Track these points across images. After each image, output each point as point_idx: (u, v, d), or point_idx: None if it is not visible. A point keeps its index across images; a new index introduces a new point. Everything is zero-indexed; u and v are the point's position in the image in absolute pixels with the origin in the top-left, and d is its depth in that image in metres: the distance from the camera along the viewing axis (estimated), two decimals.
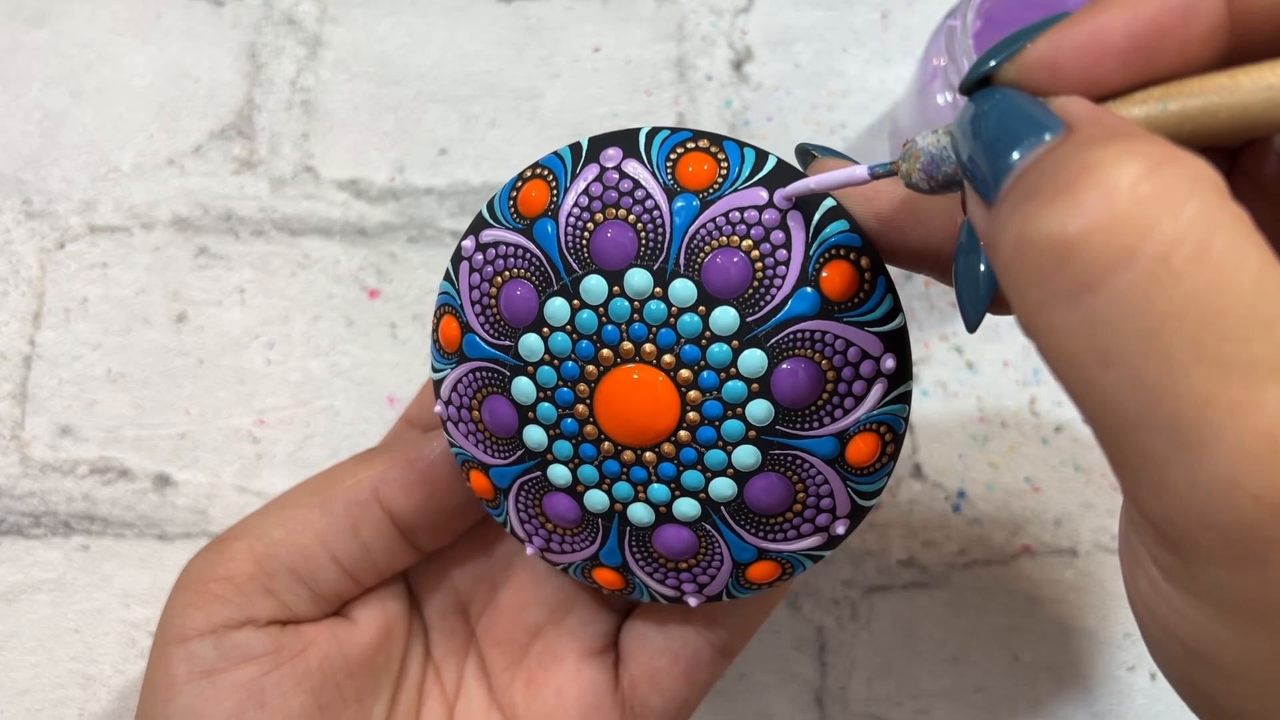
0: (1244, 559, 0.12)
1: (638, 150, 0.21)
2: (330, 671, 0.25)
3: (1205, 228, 0.12)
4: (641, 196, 0.21)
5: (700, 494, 0.22)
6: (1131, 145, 0.13)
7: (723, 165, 0.21)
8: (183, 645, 0.24)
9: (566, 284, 0.21)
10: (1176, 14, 0.15)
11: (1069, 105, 0.15)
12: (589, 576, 0.24)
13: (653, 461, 0.22)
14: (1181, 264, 0.12)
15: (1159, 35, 0.15)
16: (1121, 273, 0.12)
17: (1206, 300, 0.12)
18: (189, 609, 0.24)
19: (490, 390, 0.23)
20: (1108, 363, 0.13)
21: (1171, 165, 0.12)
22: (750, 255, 0.20)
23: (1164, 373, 0.12)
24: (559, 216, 0.21)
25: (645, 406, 0.21)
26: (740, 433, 0.21)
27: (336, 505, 0.25)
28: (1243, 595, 0.13)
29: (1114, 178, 0.12)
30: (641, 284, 0.21)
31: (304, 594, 0.25)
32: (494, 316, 0.22)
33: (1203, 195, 0.12)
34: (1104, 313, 0.12)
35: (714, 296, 0.21)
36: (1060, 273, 0.13)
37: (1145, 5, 0.15)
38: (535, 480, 0.23)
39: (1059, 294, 0.13)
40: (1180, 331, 0.12)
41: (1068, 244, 0.13)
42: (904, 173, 0.17)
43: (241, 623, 0.24)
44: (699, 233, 0.21)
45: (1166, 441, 0.12)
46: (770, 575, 0.23)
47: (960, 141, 0.16)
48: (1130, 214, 0.12)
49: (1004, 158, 0.14)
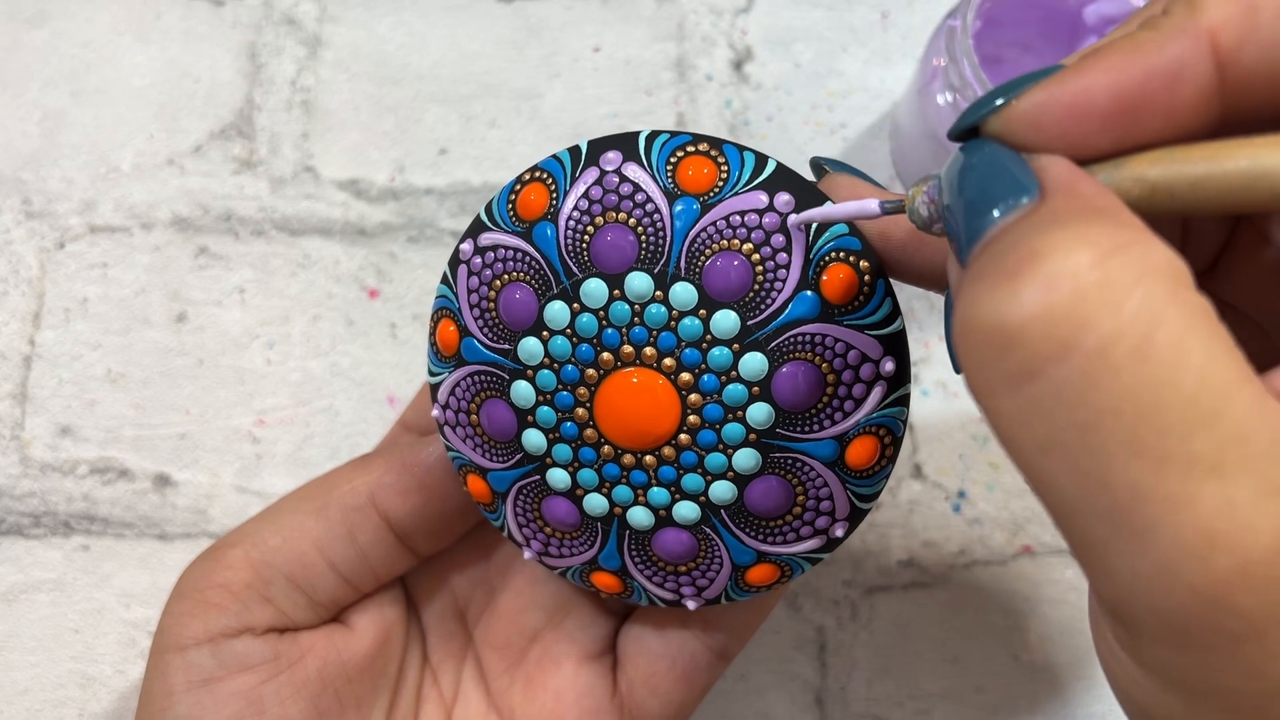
0: (1184, 645, 0.12)
1: (637, 154, 0.21)
2: (329, 678, 0.25)
3: (1149, 322, 0.12)
4: (642, 200, 0.21)
5: (700, 497, 0.22)
6: (1083, 232, 0.13)
7: (723, 169, 0.21)
8: (180, 654, 0.24)
9: (566, 287, 0.21)
10: (1163, 78, 0.14)
11: (1049, 167, 0.14)
12: (587, 580, 0.24)
13: (653, 465, 0.22)
14: (1120, 359, 0.12)
15: (1144, 99, 0.15)
16: (1058, 365, 0.12)
17: (1145, 395, 0.12)
18: (186, 617, 0.24)
19: (489, 394, 0.23)
20: (1047, 450, 0.13)
21: (1121, 254, 0.12)
22: (751, 259, 0.20)
23: (1101, 465, 0.12)
24: (559, 220, 0.21)
25: (646, 410, 0.21)
26: (740, 436, 0.21)
27: (333, 511, 0.25)
28: (1185, 675, 0.13)
29: (1058, 267, 0.12)
30: (642, 287, 0.21)
31: (301, 601, 0.25)
32: (493, 320, 0.22)
33: (1149, 287, 0.12)
34: (1042, 403, 0.12)
35: (715, 300, 0.21)
36: (1000, 360, 0.13)
37: (1131, 67, 0.15)
38: (534, 484, 0.23)
39: (1000, 380, 0.13)
40: (1117, 426, 0.12)
41: (1007, 333, 0.13)
42: (911, 210, 0.17)
43: (239, 631, 0.24)
44: (700, 236, 0.21)
45: (1106, 529, 0.12)
46: (769, 578, 0.23)
47: (945, 192, 0.16)
48: (1070, 307, 0.12)
49: (979, 219, 0.14)
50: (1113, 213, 0.13)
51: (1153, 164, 0.15)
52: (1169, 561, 0.12)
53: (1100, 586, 0.13)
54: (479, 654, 0.27)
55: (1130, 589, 0.13)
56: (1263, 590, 0.12)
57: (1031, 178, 0.14)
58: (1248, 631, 0.12)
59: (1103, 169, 0.15)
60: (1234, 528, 0.12)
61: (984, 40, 0.34)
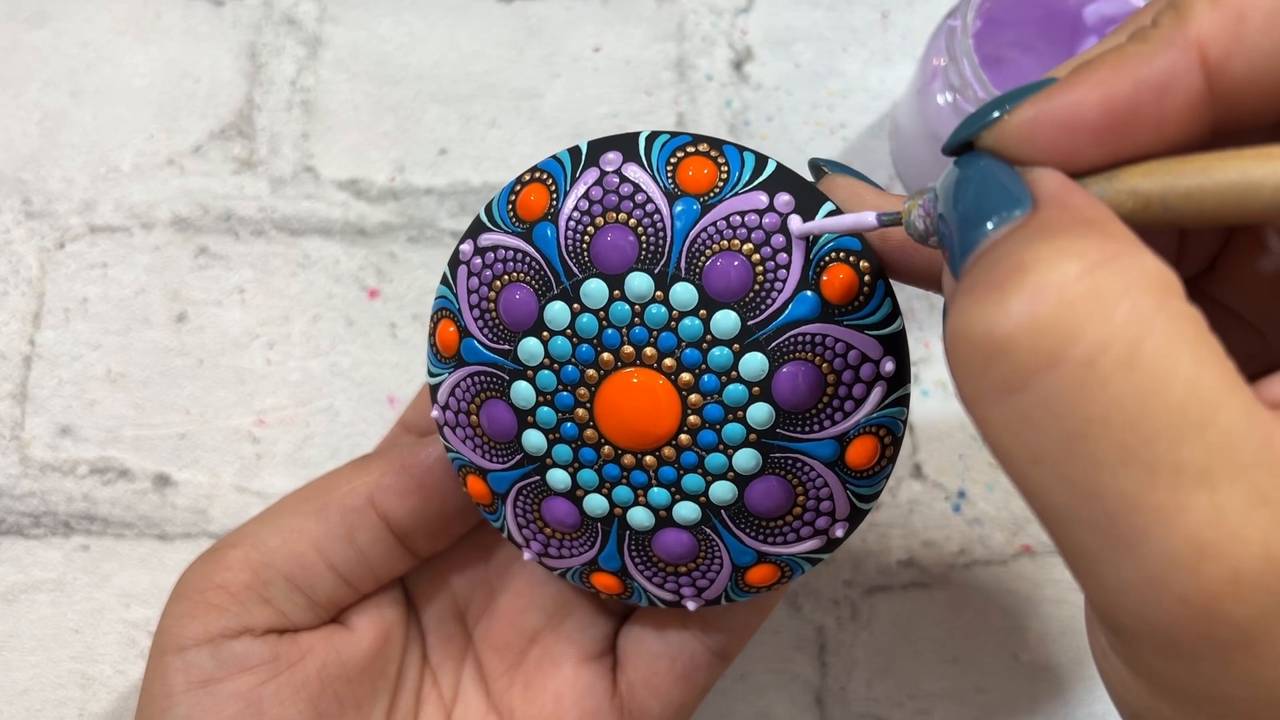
0: (1174, 653, 0.13)
1: (637, 154, 0.21)
2: (328, 680, 0.25)
3: (1136, 332, 0.12)
4: (642, 200, 0.21)
5: (700, 497, 0.22)
6: (1071, 244, 0.13)
7: (723, 169, 0.21)
8: (180, 655, 0.24)
9: (567, 287, 0.21)
10: (1152, 91, 0.15)
11: (1041, 180, 0.15)
12: (587, 581, 0.24)
13: (653, 465, 0.22)
14: (1108, 368, 0.12)
15: (1134, 112, 0.15)
16: (1046, 376, 0.12)
17: (1134, 404, 0.12)
18: (185, 618, 0.24)
19: (489, 394, 0.23)
20: (1037, 460, 0.13)
21: (1109, 266, 0.12)
22: (751, 259, 0.21)
23: (1090, 474, 0.12)
24: (559, 220, 0.21)
25: (646, 410, 0.21)
26: (741, 436, 0.21)
27: (332, 512, 0.25)
28: (1176, 682, 0.13)
29: (1045, 279, 0.12)
30: (642, 287, 0.21)
31: (301, 602, 0.25)
32: (493, 320, 0.22)
33: (1138, 298, 0.12)
34: (1031, 413, 0.13)
35: (715, 300, 0.21)
36: (989, 370, 0.13)
37: (1120, 81, 0.15)
38: (534, 485, 0.23)
39: (988, 390, 0.13)
40: (1106, 435, 0.12)
41: (995, 344, 0.13)
42: (907, 223, 0.17)
43: (239, 632, 0.24)
44: (700, 236, 0.21)
45: (1096, 539, 0.12)
46: (769, 579, 0.23)
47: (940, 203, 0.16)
48: (1056, 318, 0.12)
49: (973, 231, 0.14)
50: (1102, 224, 0.13)
51: (1145, 176, 0.15)
52: (1159, 571, 0.12)
53: (1092, 595, 0.13)
54: (479, 655, 0.27)
55: (1121, 598, 0.13)
56: (1252, 599, 0.12)
57: (1024, 190, 0.14)
58: (1238, 640, 0.12)
59: (1095, 181, 0.15)
60: (1223, 537, 0.12)
61: (984, 40, 0.34)
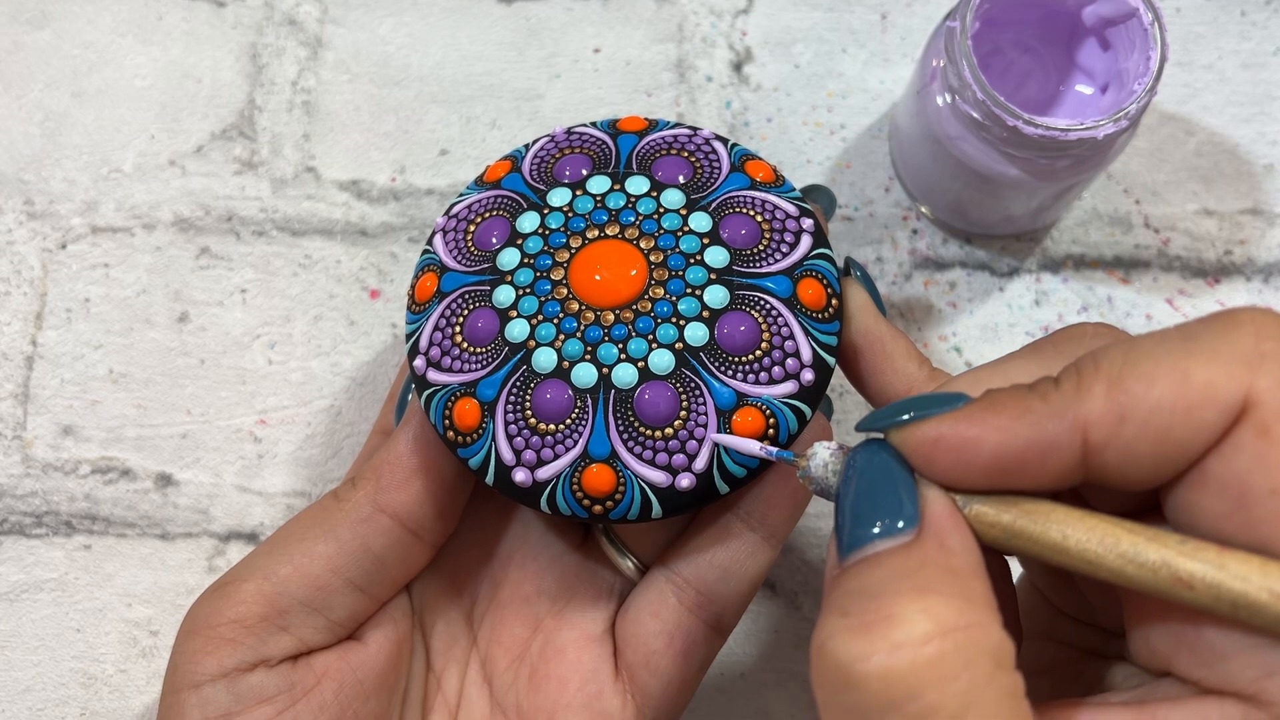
0: None
1: (583, 123, 0.27)
2: (346, 701, 0.25)
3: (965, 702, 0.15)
4: (590, 139, 0.27)
5: (677, 343, 0.24)
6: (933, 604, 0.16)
7: (652, 122, 0.28)
8: (195, 691, 0.24)
9: (535, 200, 0.26)
10: (1038, 452, 0.17)
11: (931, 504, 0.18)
12: (579, 487, 0.24)
13: (630, 320, 0.24)
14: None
15: (1020, 464, 0.18)
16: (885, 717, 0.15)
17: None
18: (199, 654, 0.24)
19: (472, 307, 0.25)
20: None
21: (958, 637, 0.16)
22: (690, 160, 0.26)
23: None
24: (523, 168, 0.27)
25: (616, 266, 0.25)
26: (704, 277, 0.24)
27: (343, 530, 0.25)
28: None
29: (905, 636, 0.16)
30: (601, 185, 0.26)
31: (320, 624, 0.25)
32: (470, 251, 0.26)
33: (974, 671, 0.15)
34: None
35: (663, 184, 0.26)
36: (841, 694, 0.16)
37: (1013, 434, 0.17)
38: (523, 376, 0.24)
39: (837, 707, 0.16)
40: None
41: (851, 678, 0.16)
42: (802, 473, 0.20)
43: (254, 664, 0.24)
44: (645, 148, 0.27)
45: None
46: (756, 426, 0.24)
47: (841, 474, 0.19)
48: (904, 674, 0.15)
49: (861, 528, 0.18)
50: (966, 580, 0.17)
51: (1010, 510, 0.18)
52: None
53: None
54: (483, 652, 0.28)
55: None
56: None
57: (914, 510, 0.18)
58: None
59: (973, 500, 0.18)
60: None
61: (982, 41, 0.34)
